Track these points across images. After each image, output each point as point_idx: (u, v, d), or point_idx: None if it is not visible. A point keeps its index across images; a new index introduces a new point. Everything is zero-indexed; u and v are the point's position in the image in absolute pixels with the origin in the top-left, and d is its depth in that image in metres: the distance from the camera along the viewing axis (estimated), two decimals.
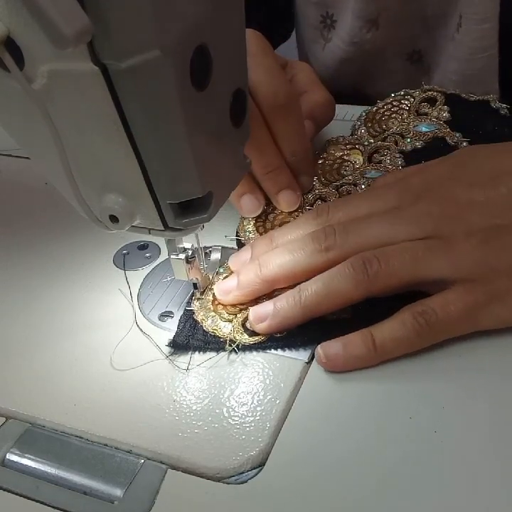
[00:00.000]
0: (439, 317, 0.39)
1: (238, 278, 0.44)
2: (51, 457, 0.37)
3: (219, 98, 0.35)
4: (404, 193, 0.44)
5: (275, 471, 0.35)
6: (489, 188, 0.42)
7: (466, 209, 0.41)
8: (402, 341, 0.39)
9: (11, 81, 0.30)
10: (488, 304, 0.39)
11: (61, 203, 0.40)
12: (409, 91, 0.60)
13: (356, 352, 0.39)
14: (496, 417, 0.36)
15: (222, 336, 0.42)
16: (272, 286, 0.44)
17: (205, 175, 0.35)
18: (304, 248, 0.43)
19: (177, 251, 0.43)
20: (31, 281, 0.50)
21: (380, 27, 0.73)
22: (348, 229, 0.43)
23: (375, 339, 0.39)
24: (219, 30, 0.33)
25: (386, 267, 0.40)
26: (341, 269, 0.41)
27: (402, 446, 0.35)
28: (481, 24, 0.65)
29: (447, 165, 0.45)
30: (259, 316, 0.42)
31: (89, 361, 0.43)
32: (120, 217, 0.36)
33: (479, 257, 0.40)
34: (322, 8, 0.76)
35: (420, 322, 0.39)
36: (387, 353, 0.39)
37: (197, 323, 0.43)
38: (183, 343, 0.42)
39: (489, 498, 0.33)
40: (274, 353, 0.41)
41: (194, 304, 0.44)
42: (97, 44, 0.29)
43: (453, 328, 0.40)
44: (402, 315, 0.40)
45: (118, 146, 0.33)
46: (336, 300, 0.41)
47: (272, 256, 0.44)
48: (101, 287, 0.49)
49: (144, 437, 0.37)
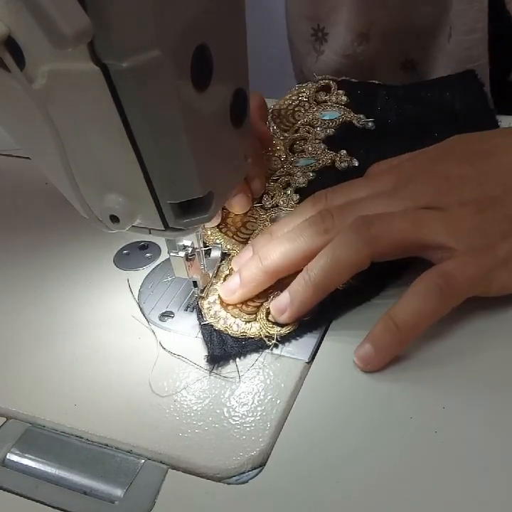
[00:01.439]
0: (457, 279, 0.39)
1: (240, 275, 0.44)
2: (51, 457, 0.37)
3: (219, 98, 0.35)
4: (398, 176, 0.45)
5: (276, 471, 0.35)
6: (479, 165, 0.43)
7: (458, 183, 0.42)
8: (423, 312, 0.39)
9: (12, 81, 0.30)
10: (494, 268, 0.40)
11: (61, 203, 0.40)
12: (302, 85, 0.63)
13: (384, 343, 0.39)
14: (497, 417, 0.36)
15: (256, 336, 0.42)
16: (276, 277, 0.44)
17: (206, 175, 0.35)
18: (302, 234, 0.43)
19: (177, 249, 0.43)
20: (31, 281, 0.50)
21: (371, 40, 0.73)
22: (345, 210, 0.44)
23: (396, 321, 0.39)
24: (219, 30, 0.33)
25: (389, 225, 0.41)
26: (342, 236, 0.41)
27: (403, 447, 0.35)
28: (470, 34, 0.65)
29: (438, 149, 0.47)
30: (279, 309, 0.42)
31: (89, 361, 0.43)
32: (121, 217, 0.36)
33: (475, 225, 0.41)
34: (313, 21, 0.77)
35: (441, 285, 0.39)
36: (412, 329, 0.39)
37: (221, 333, 0.42)
38: (222, 355, 0.41)
39: (490, 498, 0.33)
40: (274, 353, 0.41)
41: (207, 317, 0.43)
42: (97, 44, 0.29)
43: (469, 290, 0.40)
44: (416, 287, 0.39)
45: (118, 146, 0.33)
46: (344, 268, 0.41)
47: (271, 247, 0.44)
48: (101, 287, 0.49)
49: (144, 437, 0.37)
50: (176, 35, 0.30)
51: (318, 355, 0.41)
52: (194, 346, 0.43)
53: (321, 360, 0.41)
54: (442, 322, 0.41)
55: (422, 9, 0.69)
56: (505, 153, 0.44)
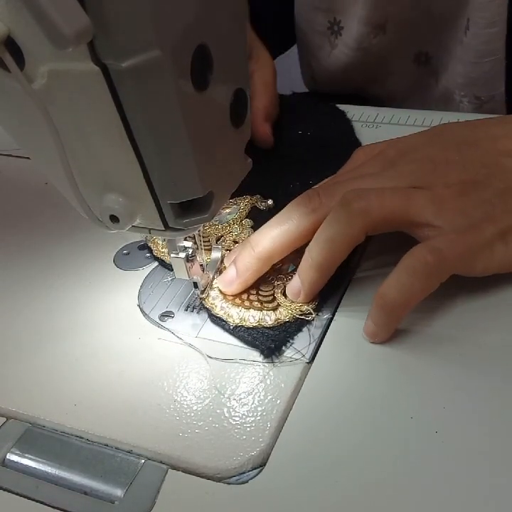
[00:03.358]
0: (444, 253, 0.39)
1: (236, 266, 0.44)
2: (51, 457, 0.37)
3: (219, 98, 0.35)
4: (382, 162, 0.46)
5: (276, 471, 0.35)
6: (463, 150, 0.44)
7: (443, 166, 0.43)
8: (412, 289, 0.39)
9: (11, 81, 0.30)
10: (478, 248, 0.40)
11: (61, 203, 0.40)
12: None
13: (381, 321, 0.40)
14: (497, 417, 0.36)
15: (292, 318, 0.43)
16: (270, 262, 0.44)
17: (206, 175, 0.35)
18: (290, 216, 0.44)
19: (177, 250, 0.43)
20: (31, 281, 0.50)
21: (388, 31, 0.73)
22: (332, 189, 0.44)
23: (386, 300, 0.40)
24: (219, 30, 0.33)
25: (378, 200, 0.41)
26: (334, 212, 0.42)
27: (403, 447, 0.35)
28: (489, 28, 0.65)
29: (421, 136, 0.48)
30: (293, 293, 0.43)
31: (89, 361, 0.43)
32: (120, 217, 0.36)
33: (460, 206, 0.41)
34: (330, 14, 0.77)
35: (430, 260, 0.39)
36: (403, 307, 0.40)
37: (256, 328, 0.43)
38: (276, 345, 0.41)
39: (490, 498, 0.33)
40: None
41: (231, 322, 0.43)
42: (97, 44, 0.29)
43: (457, 265, 0.40)
44: (405, 263, 0.40)
45: (118, 146, 0.33)
46: (340, 246, 0.42)
47: (262, 233, 0.44)
48: (101, 287, 0.49)
49: (144, 437, 0.37)
50: (176, 35, 0.30)
51: (318, 355, 0.41)
52: (194, 346, 0.43)
53: (321, 361, 0.41)
54: (442, 322, 0.41)
55: (441, 0, 0.68)
56: (489, 141, 0.45)
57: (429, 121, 0.64)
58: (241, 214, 0.53)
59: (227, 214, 0.53)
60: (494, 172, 0.43)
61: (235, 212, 0.53)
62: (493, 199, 0.42)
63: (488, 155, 0.44)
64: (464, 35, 0.68)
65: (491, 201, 0.42)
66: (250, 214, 0.53)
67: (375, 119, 0.66)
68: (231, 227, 0.52)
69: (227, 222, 0.52)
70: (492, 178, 0.42)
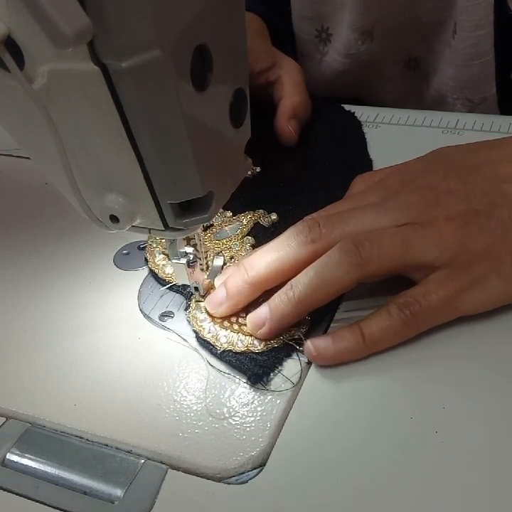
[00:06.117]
0: (422, 306, 0.39)
1: (226, 287, 0.43)
2: (51, 457, 0.37)
3: (219, 98, 0.35)
4: (383, 191, 0.45)
5: (276, 471, 0.35)
6: (465, 178, 0.43)
7: (445, 196, 0.42)
8: (390, 332, 0.40)
9: (11, 81, 0.30)
10: (468, 289, 0.40)
11: (61, 203, 0.40)
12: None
13: (345, 344, 0.40)
14: (497, 417, 0.36)
15: (281, 344, 0.41)
16: (263, 288, 0.43)
17: (206, 175, 0.35)
18: (288, 244, 0.42)
19: (178, 255, 0.43)
20: (31, 281, 0.50)
21: (375, 38, 0.73)
22: (332, 220, 0.43)
23: (363, 331, 0.40)
24: (219, 30, 0.33)
25: (379, 249, 0.40)
26: (332, 255, 0.41)
27: (403, 447, 0.35)
28: (476, 31, 0.65)
29: (422, 162, 0.47)
30: (256, 323, 0.41)
31: (89, 361, 0.43)
32: (120, 217, 0.36)
33: (459, 239, 0.41)
34: (317, 22, 0.77)
35: (405, 313, 0.39)
36: (376, 343, 0.40)
37: (245, 353, 0.41)
38: (263, 371, 0.40)
39: (490, 498, 0.33)
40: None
41: (219, 346, 0.42)
42: (97, 44, 0.29)
43: (437, 316, 0.40)
44: (388, 307, 0.40)
45: (118, 146, 0.33)
46: (330, 289, 0.41)
47: (257, 257, 0.43)
48: (101, 287, 0.49)
49: (144, 437, 0.37)
50: (176, 35, 0.30)
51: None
52: (194, 346, 0.43)
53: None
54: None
55: (427, 4, 0.68)
56: (490, 166, 0.44)
57: (429, 122, 0.64)
58: (242, 230, 0.51)
59: (227, 230, 0.52)
60: (496, 200, 0.42)
61: (237, 228, 0.52)
62: (494, 230, 0.41)
63: (489, 181, 0.43)
64: (452, 38, 0.68)
65: (491, 231, 0.41)
66: (252, 231, 0.52)
67: (375, 119, 0.66)
68: (231, 243, 0.50)
69: (228, 237, 0.51)
70: (493, 207, 0.42)
